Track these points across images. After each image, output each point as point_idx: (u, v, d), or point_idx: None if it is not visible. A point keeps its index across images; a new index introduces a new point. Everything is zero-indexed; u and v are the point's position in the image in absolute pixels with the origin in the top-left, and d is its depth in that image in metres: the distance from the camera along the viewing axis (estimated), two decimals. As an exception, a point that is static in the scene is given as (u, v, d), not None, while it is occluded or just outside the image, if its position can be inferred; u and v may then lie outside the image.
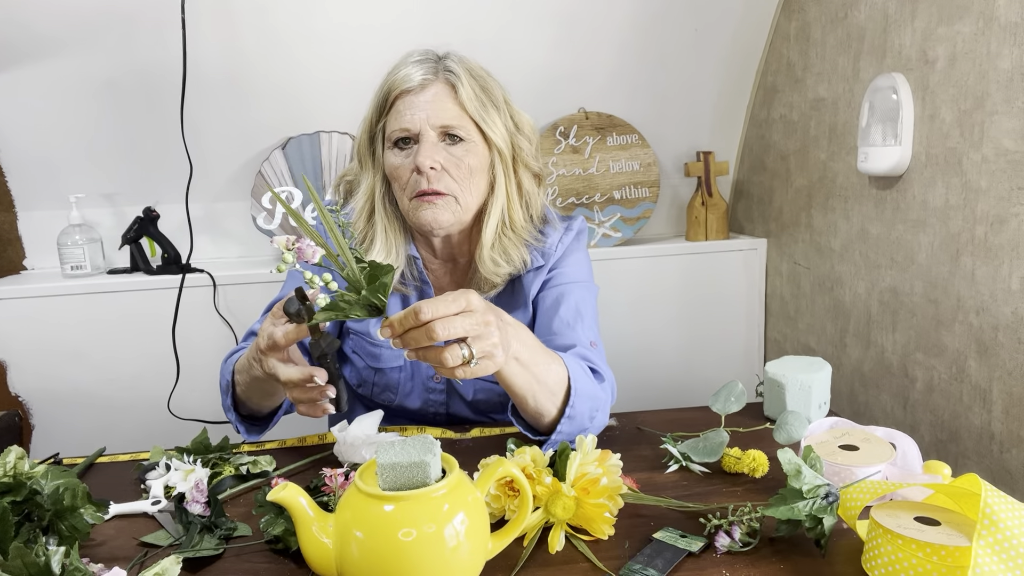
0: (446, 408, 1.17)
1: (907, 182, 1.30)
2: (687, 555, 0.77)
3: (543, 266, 1.11)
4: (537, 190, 1.12)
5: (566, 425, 0.94)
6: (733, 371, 1.93)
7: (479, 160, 1.04)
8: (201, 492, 0.87)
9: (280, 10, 1.64)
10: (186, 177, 1.73)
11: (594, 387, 0.98)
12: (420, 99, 1.01)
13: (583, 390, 0.95)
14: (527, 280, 1.11)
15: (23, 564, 0.63)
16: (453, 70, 1.03)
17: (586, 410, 0.95)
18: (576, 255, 1.15)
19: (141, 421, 1.76)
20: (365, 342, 1.17)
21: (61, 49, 1.62)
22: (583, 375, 0.96)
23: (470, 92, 1.02)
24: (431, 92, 1.02)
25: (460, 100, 1.02)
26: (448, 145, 1.02)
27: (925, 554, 0.67)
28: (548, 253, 1.11)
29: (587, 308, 1.11)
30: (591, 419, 0.97)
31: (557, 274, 1.12)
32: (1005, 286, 1.10)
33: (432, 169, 1.01)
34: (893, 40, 1.31)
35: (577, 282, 1.12)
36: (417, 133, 1.01)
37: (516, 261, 1.08)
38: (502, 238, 1.08)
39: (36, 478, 0.80)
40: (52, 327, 1.71)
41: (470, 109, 1.02)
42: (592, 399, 0.96)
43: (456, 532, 0.67)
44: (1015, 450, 1.09)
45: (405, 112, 1.01)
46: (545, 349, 0.93)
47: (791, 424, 0.98)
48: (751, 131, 1.90)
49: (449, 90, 1.02)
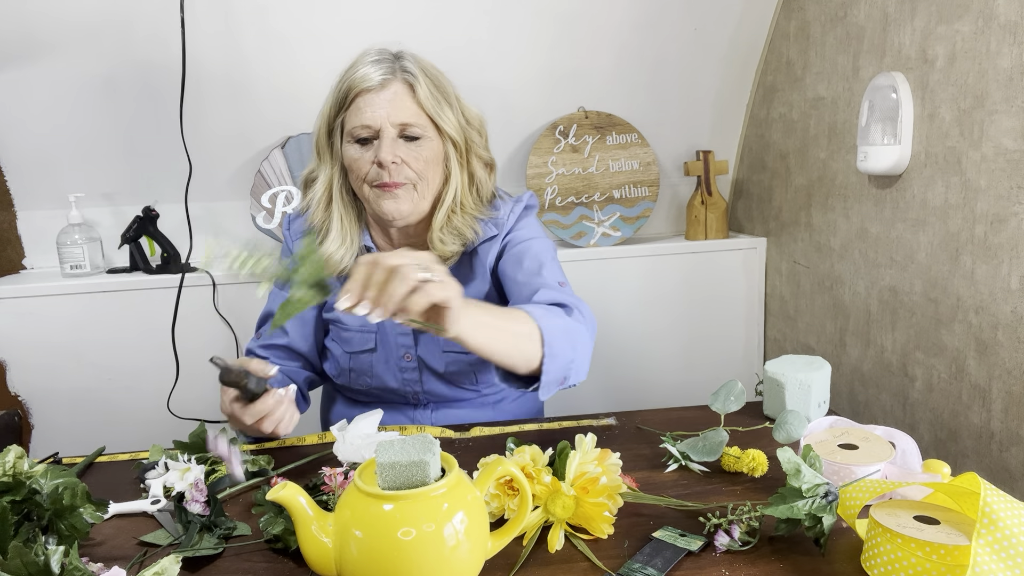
0: (421, 385, 1.21)
1: (907, 181, 1.30)
2: (687, 554, 0.77)
3: (496, 236, 1.17)
4: (488, 177, 1.19)
5: (550, 363, 0.95)
6: (733, 370, 1.93)
7: (434, 153, 1.11)
8: (201, 491, 0.87)
9: (280, 10, 1.64)
10: (185, 176, 1.73)
11: (563, 320, 1.00)
12: (380, 97, 1.07)
13: (552, 326, 0.97)
14: (482, 251, 1.18)
15: (22, 563, 0.63)
16: (410, 70, 1.09)
17: (564, 343, 0.97)
18: (526, 220, 1.22)
19: (141, 421, 1.76)
20: (339, 328, 1.22)
21: (61, 49, 1.62)
22: (547, 314, 0.99)
23: (426, 91, 1.09)
24: (390, 91, 1.08)
25: (418, 98, 1.09)
26: (406, 141, 1.09)
27: (924, 553, 0.67)
28: (501, 223, 1.18)
29: (547, 256, 1.16)
30: (572, 348, 0.99)
31: (512, 238, 1.18)
32: (1005, 285, 1.10)
33: (393, 163, 1.07)
34: (893, 39, 1.31)
35: (533, 238, 1.19)
36: (378, 130, 1.07)
37: (467, 235, 1.15)
38: (451, 218, 1.15)
39: (35, 477, 0.80)
40: (52, 326, 1.70)
41: (427, 106, 1.09)
42: (565, 332, 0.98)
43: (455, 531, 0.67)
44: (1014, 449, 1.09)
45: (366, 109, 1.07)
46: (500, 307, 0.97)
47: (790, 423, 0.98)
48: (751, 130, 1.90)
49: (407, 89, 1.09)
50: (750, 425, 1.11)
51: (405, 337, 1.19)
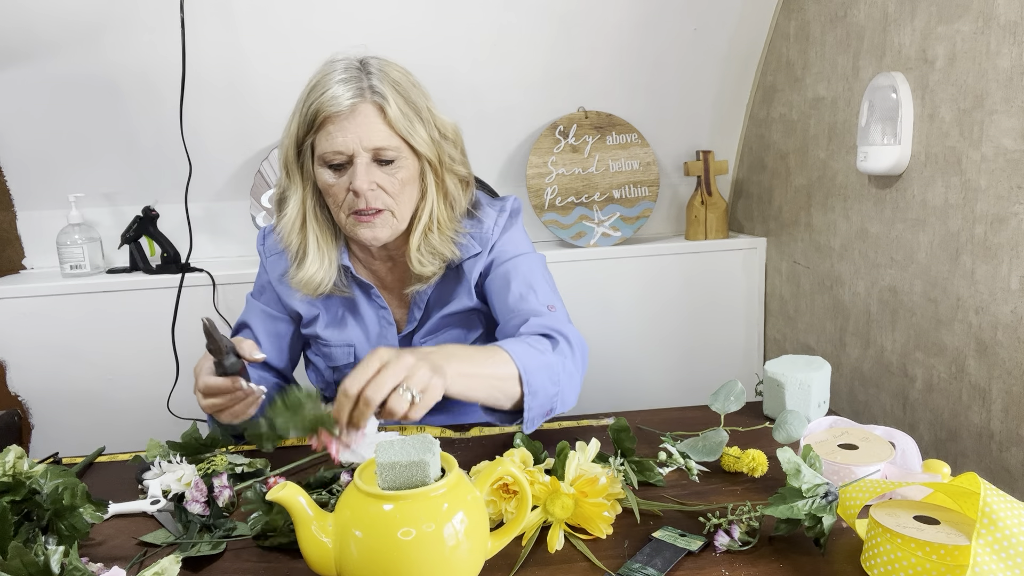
0: None
1: (906, 181, 1.30)
2: (686, 554, 0.77)
3: (481, 252, 1.14)
4: (462, 193, 1.15)
5: (531, 400, 0.96)
6: (732, 370, 1.93)
7: (410, 173, 1.07)
8: (200, 492, 0.87)
9: (280, 10, 1.64)
10: (185, 176, 1.73)
11: (544, 356, 0.99)
12: (350, 123, 1.02)
13: (531, 365, 0.96)
14: (467, 267, 1.15)
15: (22, 563, 0.63)
16: (379, 90, 1.03)
17: (544, 380, 0.97)
18: (512, 232, 1.18)
19: (140, 420, 1.76)
20: (320, 344, 1.20)
21: (61, 49, 1.62)
22: (527, 350, 0.98)
23: (396, 111, 1.03)
24: (360, 114, 1.02)
25: (388, 120, 1.03)
26: (380, 165, 1.05)
27: (924, 553, 0.67)
28: (485, 238, 1.15)
29: (536, 276, 1.14)
30: (555, 383, 0.99)
31: (498, 254, 1.15)
32: (1004, 285, 1.10)
33: (370, 191, 1.04)
34: (892, 39, 1.31)
35: (520, 255, 1.16)
36: (351, 155, 1.03)
37: (445, 254, 1.12)
38: (428, 237, 1.11)
39: (35, 477, 0.80)
40: (51, 326, 1.71)
41: (398, 128, 1.04)
42: (546, 368, 0.98)
43: (455, 531, 0.67)
44: (1014, 449, 1.09)
45: (337, 135, 1.02)
46: (480, 348, 0.96)
47: (790, 423, 0.98)
48: (750, 130, 1.90)
49: (377, 111, 1.03)
50: (750, 425, 1.11)
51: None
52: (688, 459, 0.97)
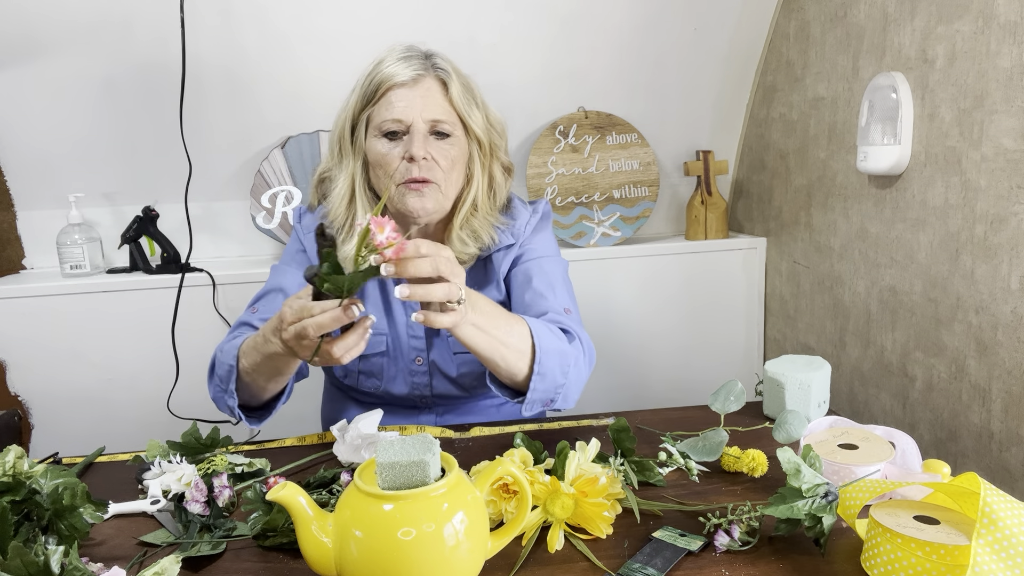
0: (431, 390, 1.20)
1: (906, 181, 1.30)
2: (686, 554, 0.77)
3: (513, 245, 1.17)
4: (505, 181, 1.19)
5: (538, 382, 0.97)
6: (732, 370, 1.93)
7: (461, 152, 1.11)
8: (200, 492, 0.87)
9: (280, 10, 1.64)
10: (185, 176, 1.73)
11: (561, 343, 1.01)
12: (413, 93, 1.06)
13: (549, 347, 0.98)
14: (497, 259, 1.17)
15: (22, 563, 0.63)
16: (443, 67, 1.09)
17: (555, 366, 0.98)
18: (543, 234, 1.21)
19: (140, 420, 1.76)
20: None
21: (61, 49, 1.62)
22: (548, 333, 0.99)
23: (459, 89, 1.09)
24: (423, 87, 1.07)
25: (450, 96, 1.08)
26: (436, 138, 1.08)
27: (924, 553, 0.67)
28: (518, 233, 1.17)
29: (557, 279, 1.16)
30: (564, 374, 1.00)
31: (527, 251, 1.18)
32: (1004, 285, 1.10)
33: (424, 159, 1.06)
34: (892, 39, 1.31)
35: (546, 256, 1.19)
36: (410, 124, 1.06)
37: (484, 239, 1.14)
38: (470, 219, 1.14)
39: (35, 477, 0.80)
40: (51, 326, 1.70)
41: (458, 105, 1.09)
42: (560, 355, 0.99)
43: (455, 531, 0.67)
44: (1014, 449, 1.09)
45: (398, 104, 1.06)
46: (506, 313, 0.98)
47: (790, 423, 0.98)
48: (750, 130, 1.90)
49: (440, 86, 1.08)
50: (750, 425, 1.11)
51: (418, 340, 1.18)
52: (688, 459, 0.97)
